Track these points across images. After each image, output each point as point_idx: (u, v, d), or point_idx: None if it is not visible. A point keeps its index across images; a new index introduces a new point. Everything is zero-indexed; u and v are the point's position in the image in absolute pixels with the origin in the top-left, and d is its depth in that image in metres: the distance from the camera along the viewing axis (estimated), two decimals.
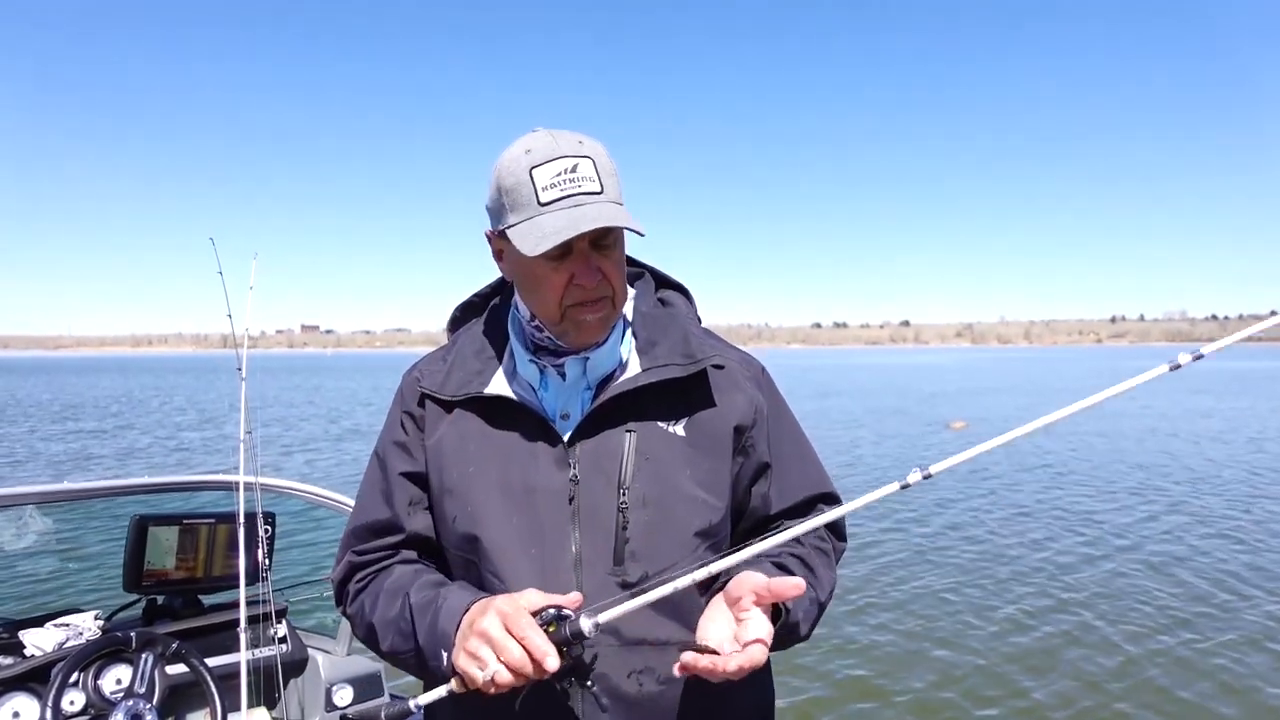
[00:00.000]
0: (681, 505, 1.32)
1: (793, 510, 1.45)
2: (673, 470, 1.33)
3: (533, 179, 1.25)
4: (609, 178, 1.28)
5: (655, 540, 1.30)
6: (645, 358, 1.38)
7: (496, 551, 1.30)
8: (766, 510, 1.44)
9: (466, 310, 1.55)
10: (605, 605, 1.14)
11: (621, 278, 1.34)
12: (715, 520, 1.36)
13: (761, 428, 1.42)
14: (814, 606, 1.35)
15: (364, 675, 3.35)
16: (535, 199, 1.24)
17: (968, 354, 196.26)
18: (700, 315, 1.54)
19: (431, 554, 1.42)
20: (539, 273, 1.29)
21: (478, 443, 1.36)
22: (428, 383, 1.42)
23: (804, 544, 1.43)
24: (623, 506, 1.30)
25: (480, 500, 1.33)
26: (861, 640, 6.34)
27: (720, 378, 1.41)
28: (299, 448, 19.41)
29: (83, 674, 2.64)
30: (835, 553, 1.49)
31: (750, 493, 1.43)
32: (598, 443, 1.33)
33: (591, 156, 1.27)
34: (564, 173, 1.25)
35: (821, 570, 1.41)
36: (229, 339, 3.10)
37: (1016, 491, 12.62)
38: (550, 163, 1.25)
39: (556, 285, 1.29)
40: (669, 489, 1.32)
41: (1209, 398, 32.14)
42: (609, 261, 1.30)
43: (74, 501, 3.08)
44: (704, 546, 1.34)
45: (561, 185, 1.24)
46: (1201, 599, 7.28)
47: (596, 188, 1.26)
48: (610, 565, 1.29)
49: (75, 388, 43.33)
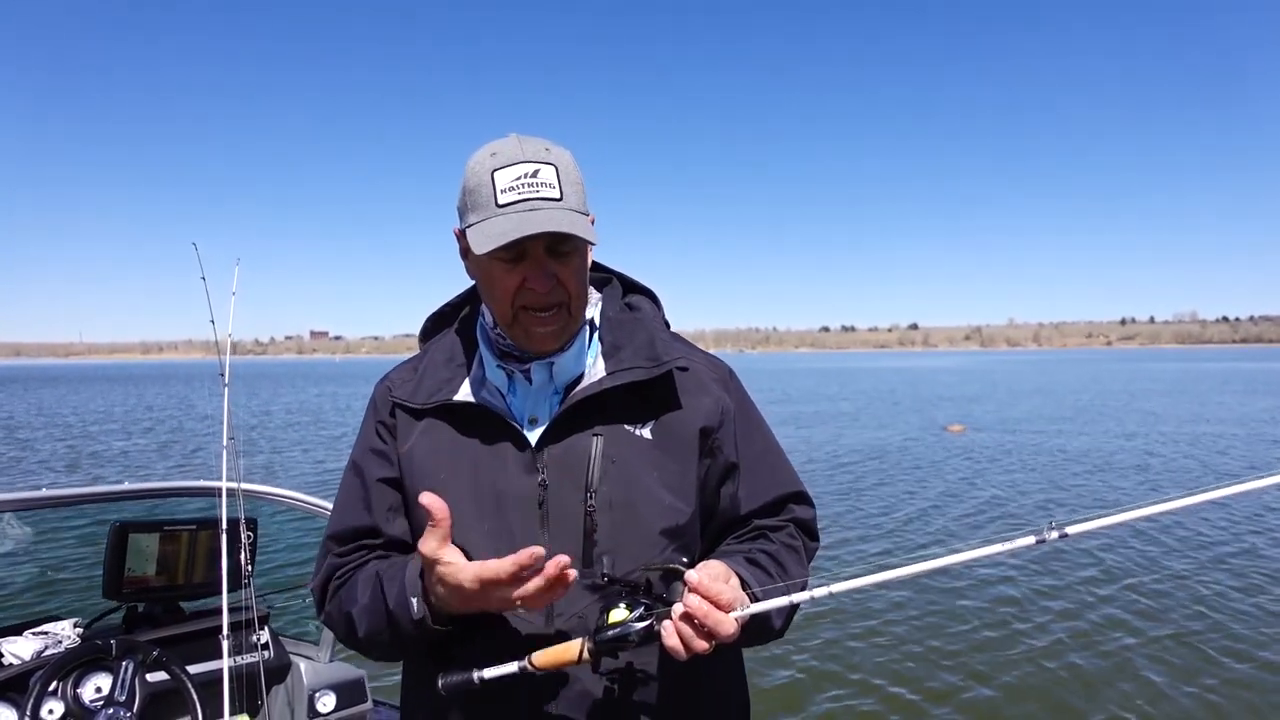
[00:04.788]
0: (648, 507, 1.33)
1: (762, 510, 1.46)
2: (639, 472, 1.34)
3: (493, 181, 1.27)
4: (571, 186, 1.29)
5: (623, 541, 1.31)
6: (611, 361, 1.39)
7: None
8: (736, 511, 1.45)
9: (438, 320, 1.56)
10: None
11: (579, 285, 1.35)
12: (681, 522, 1.37)
13: (728, 429, 1.43)
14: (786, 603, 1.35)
15: (347, 681, 3.33)
16: (494, 200, 1.27)
17: (975, 358, 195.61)
18: (668, 319, 1.54)
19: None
20: (494, 273, 1.32)
21: (448, 450, 1.38)
22: (399, 392, 1.44)
23: (774, 542, 1.44)
24: (590, 510, 1.31)
25: (452, 506, 1.32)
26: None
27: (686, 380, 1.42)
28: (296, 453, 19.45)
29: (62, 682, 2.62)
30: (807, 551, 1.50)
31: (719, 494, 1.44)
32: (565, 447, 1.34)
33: (555, 164, 1.29)
34: (524, 177, 1.27)
35: (793, 568, 1.41)
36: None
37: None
38: (512, 166, 1.27)
39: (509, 287, 1.31)
40: (636, 491, 1.33)
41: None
42: (566, 268, 1.31)
43: (52, 508, 3.07)
44: (671, 547, 1.35)
45: (520, 189, 1.26)
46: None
47: (555, 194, 1.27)
48: (581, 568, 1.28)
49: (71, 400, 43.37)
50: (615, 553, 1.30)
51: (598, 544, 1.31)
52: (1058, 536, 1.05)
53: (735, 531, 1.47)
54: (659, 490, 1.35)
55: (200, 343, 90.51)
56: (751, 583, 1.29)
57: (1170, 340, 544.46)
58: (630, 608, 1.19)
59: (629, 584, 1.23)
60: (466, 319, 1.51)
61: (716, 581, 1.17)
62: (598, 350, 1.43)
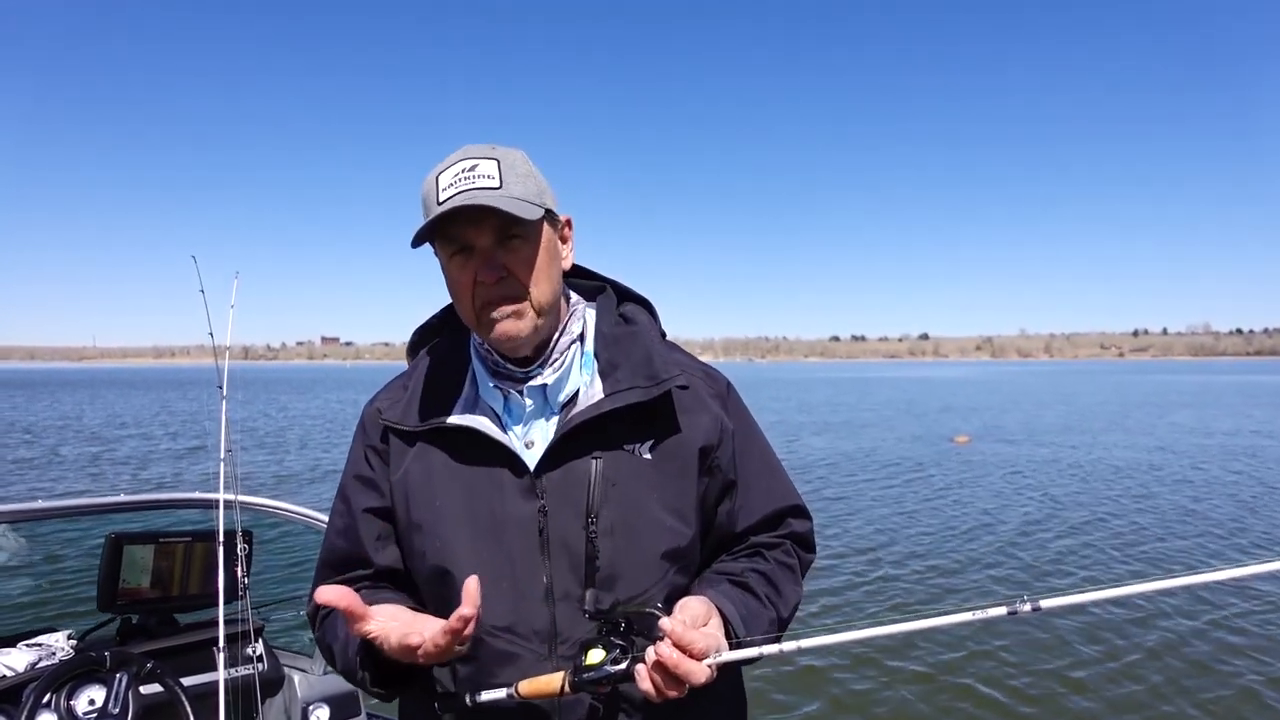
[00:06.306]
0: (649, 530, 1.31)
1: (759, 526, 1.44)
2: (640, 495, 1.31)
3: (437, 183, 1.27)
4: (515, 177, 1.27)
5: (624, 567, 1.29)
6: (608, 381, 1.35)
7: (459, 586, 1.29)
8: (733, 528, 1.43)
9: (425, 334, 1.52)
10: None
11: (536, 276, 1.30)
12: (683, 544, 1.34)
13: (727, 446, 1.40)
14: (773, 626, 1.34)
15: (341, 695, 3.32)
16: (436, 200, 1.26)
17: (986, 368, 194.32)
18: (664, 329, 1.51)
19: (403, 584, 1.41)
20: (451, 274, 1.31)
21: (443, 476, 1.34)
22: (389, 415, 1.40)
23: (769, 560, 1.42)
24: (591, 535, 1.28)
25: (449, 534, 1.31)
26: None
27: (685, 398, 1.38)
28: (301, 461, 19.48)
29: (55, 695, 2.61)
30: (802, 565, 1.48)
31: (716, 511, 1.41)
32: (564, 472, 1.31)
33: (497, 159, 1.28)
34: (461, 172, 1.26)
35: (786, 586, 1.40)
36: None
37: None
38: (452, 166, 1.27)
39: (465, 285, 1.29)
40: (637, 514, 1.30)
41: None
42: (514, 256, 1.28)
43: (47, 520, 3.07)
44: (673, 570, 1.33)
45: (457, 184, 1.25)
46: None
47: (494, 184, 1.25)
48: (581, 594, 1.27)
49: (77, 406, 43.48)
50: (616, 579, 1.28)
51: (599, 570, 1.27)
52: (1030, 610, 1.04)
53: (731, 548, 1.44)
54: (660, 513, 1.32)
55: (210, 348, 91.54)
56: (734, 619, 1.26)
57: (1183, 352, 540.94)
58: (607, 649, 1.18)
59: (610, 622, 1.21)
60: (457, 333, 1.47)
61: (690, 630, 1.13)
62: (593, 368, 1.39)
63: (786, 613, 1.39)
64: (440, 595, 1.32)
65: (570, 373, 1.37)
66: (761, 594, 1.35)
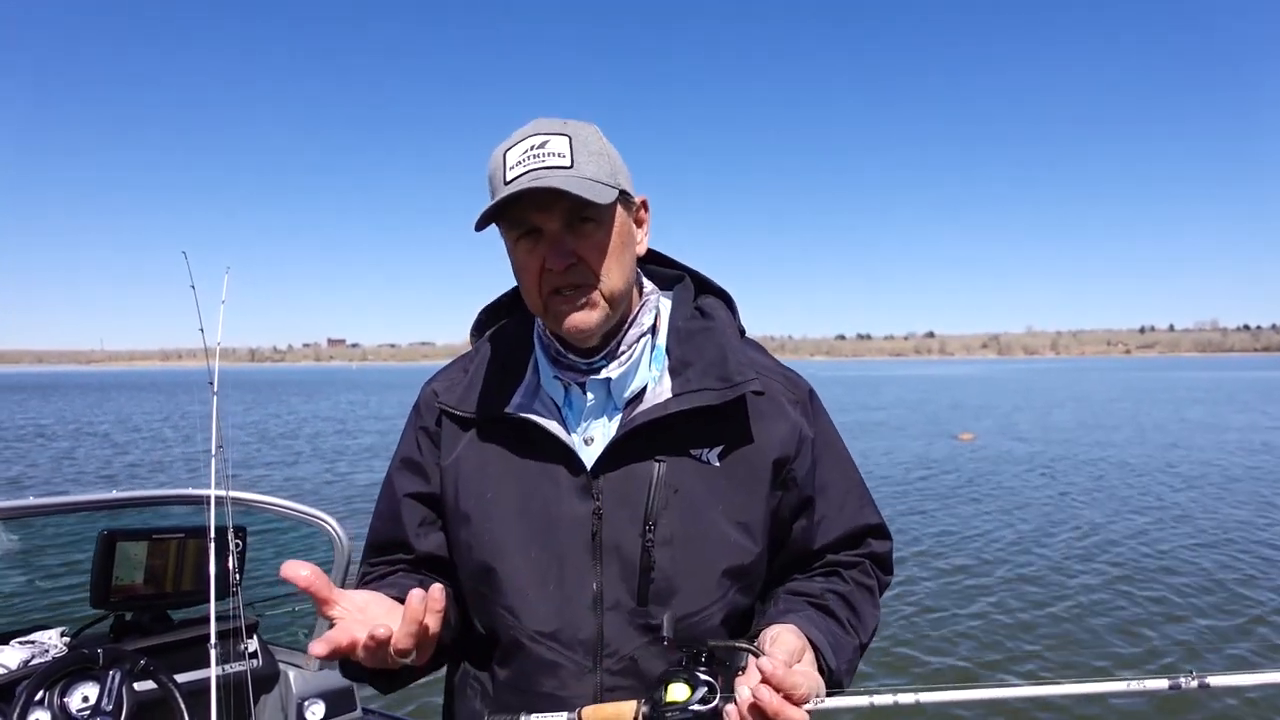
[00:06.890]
0: (712, 544, 1.22)
1: (837, 544, 1.35)
2: (704, 505, 1.23)
3: (504, 160, 1.19)
4: (588, 155, 1.18)
5: (681, 580, 1.21)
6: (677, 380, 1.26)
7: (511, 586, 1.23)
8: (809, 545, 1.34)
9: (493, 313, 1.44)
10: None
11: (608, 264, 1.21)
12: (748, 561, 1.25)
13: (805, 458, 1.30)
14: (856, 653, 1.27)
15: (336, 690, 3.32)
16: (503, 179, 1.17)
17: (992, 366, 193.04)
18: (744, 325, 1.41)
19: (447, 571, 1.34)
20: (519, 259, 1.22)
21: (497, 468, 1.27)
22: (446, 398, 1.34)
23: (848, 581, 1.34)
24: (648, 544, 1.20)
25: (498, 530, 1.25)
26: None
27: (761, 404, 1.28)
28: (309, 461, 19.51)
29: (48, 692, 2.62)
30: (880, 587, 1.40)
31: (791, 528, 1.33)
32: (624, 474, 1.23)
33: (569, 135, 1.19)
34: (530, 149, 1.17)
35: (865, 610, 1.32)
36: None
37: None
38: (521, 142, 1.19)
39: (532, 270, 1.20)
40: (699, 526, 1.22)
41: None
42: (586, 243, 1.19)
43: (40, 516, 3.07)
44: (734, 589, 1.25)
45: (526, 162, 1.17)
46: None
47: (565, 162, 1.16)
48: (633, 606, 1.20)
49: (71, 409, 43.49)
50: (671, 593, 1.20)
51: (654, 582, 1.20)
52: (1196, 686, 0.94)
53: (806, 566, 1.36)
54: (725, 526, 1.23)
55: (202, 344, 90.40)
56: (825, 650, 1.16)
57: (1190, 348, 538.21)
58: (691, 684, 1.05)
59: (691, 652, 1.08)
60: (523, 317, 1.38)
61: (792, 673, 1.02)
62: (663, 364, 1.29)
63: (866, 638, 1.31)
64: (480, 593, 1.27)
65: (638, 367, 1.28)
66: (844, 618, 1.27)
